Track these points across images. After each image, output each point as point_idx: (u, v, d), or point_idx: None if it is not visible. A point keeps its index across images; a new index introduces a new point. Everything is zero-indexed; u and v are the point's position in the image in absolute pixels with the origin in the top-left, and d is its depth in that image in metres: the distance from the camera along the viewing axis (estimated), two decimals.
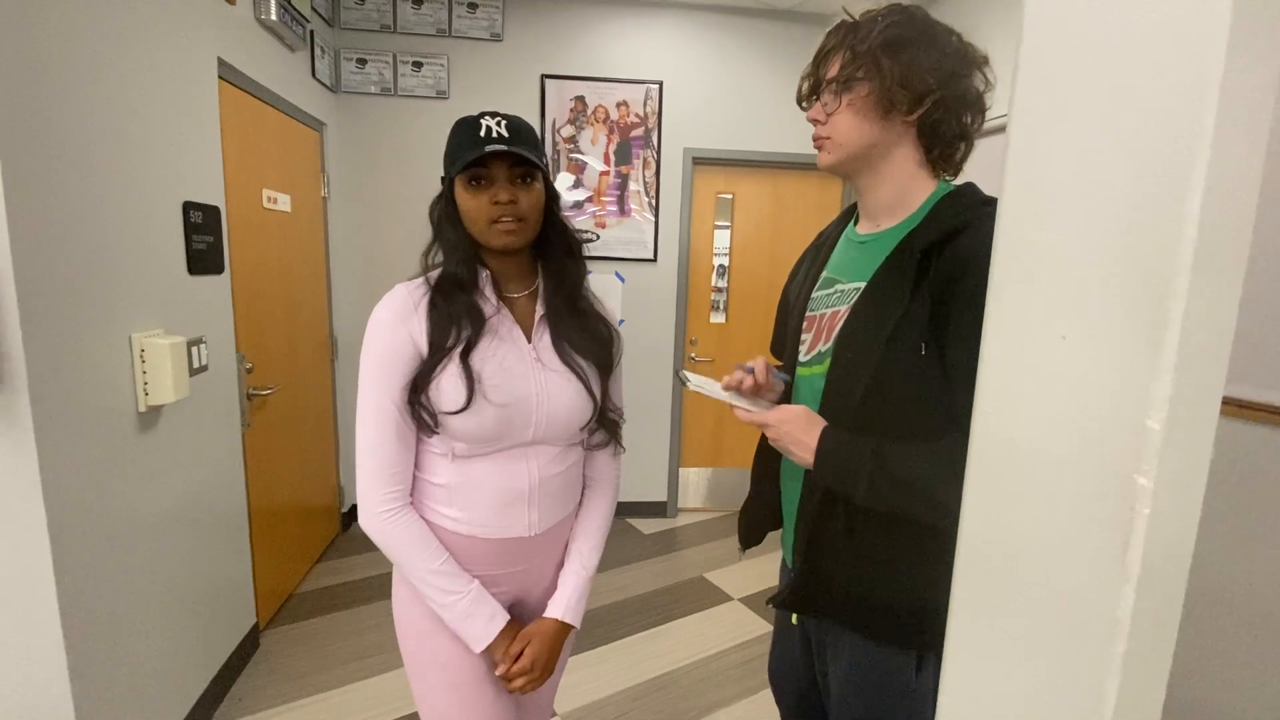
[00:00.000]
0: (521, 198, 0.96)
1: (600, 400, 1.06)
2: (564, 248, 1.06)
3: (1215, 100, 0.35)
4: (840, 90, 0.88)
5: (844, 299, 0.94)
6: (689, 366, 3.55)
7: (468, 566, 1.03)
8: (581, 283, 1.08)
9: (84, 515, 1.40)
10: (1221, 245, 0.38)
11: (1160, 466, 0.39)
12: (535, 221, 1.00)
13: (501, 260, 1.03)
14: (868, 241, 0.95)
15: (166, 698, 1.73)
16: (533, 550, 1.08)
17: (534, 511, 1.04)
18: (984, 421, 0.48)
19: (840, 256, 1.01)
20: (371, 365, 0.96)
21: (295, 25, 2.48)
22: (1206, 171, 0.36)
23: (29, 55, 1.26)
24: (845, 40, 0.88)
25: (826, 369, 0.92)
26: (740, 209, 3.48)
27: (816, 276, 1.03)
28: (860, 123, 0.87)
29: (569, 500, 1.11)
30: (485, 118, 0.95)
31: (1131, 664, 0.41)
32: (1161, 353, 0.38)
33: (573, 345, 1.03)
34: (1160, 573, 0.41)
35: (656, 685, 2.18)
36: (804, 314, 1.02)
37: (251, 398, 2.25)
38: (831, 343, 0.92)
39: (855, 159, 0.90)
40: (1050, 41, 0.44)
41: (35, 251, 1.26)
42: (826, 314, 0.96)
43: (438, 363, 0.94)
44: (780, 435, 0.90)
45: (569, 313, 1.04)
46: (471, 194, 0.96)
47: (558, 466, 1.06)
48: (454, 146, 0.97)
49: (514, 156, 0.94)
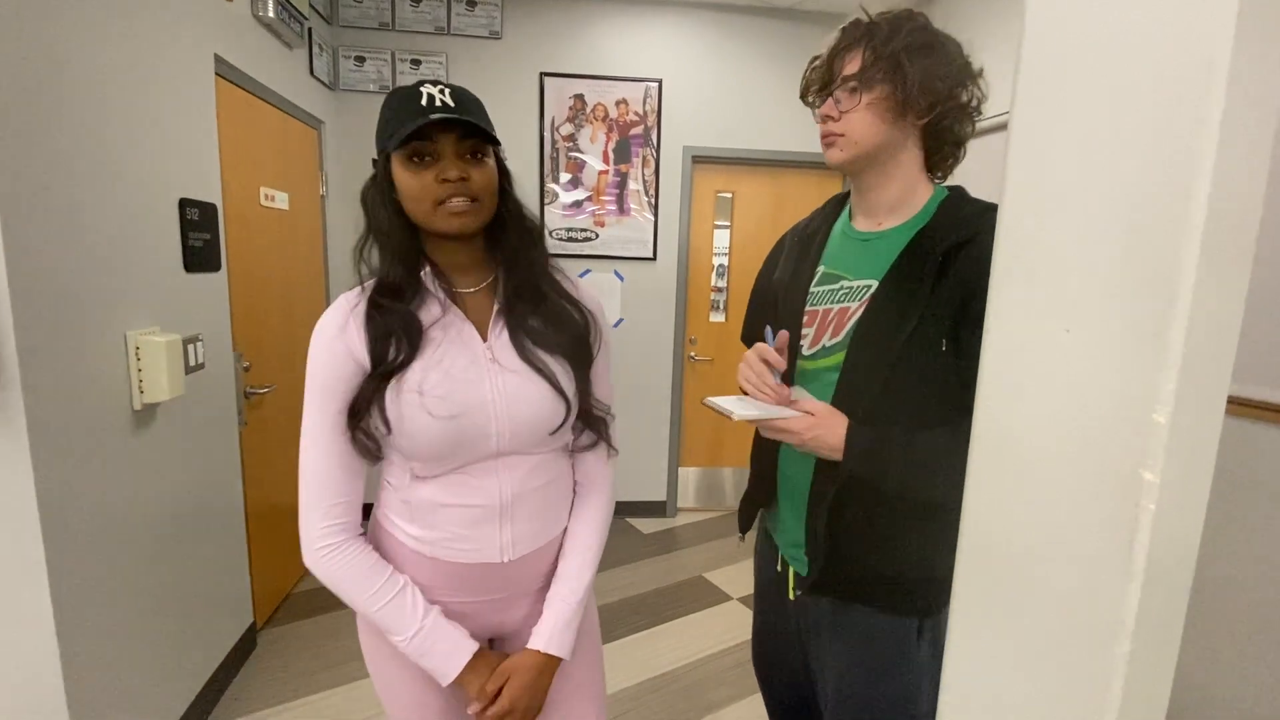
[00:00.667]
0: (474, 174, 0.84)
1: (576, 398, 0.92)
2: (520, 232, 0.92)
3: (1222, 94, 0.35)
4: (859, 88, 0.89)
5: (853, 295, 0.95)
6: (689, 366, 3.55)
7: (432, 594, 0.91)
8: (543, 269, 0.95)
9: (78, 513, 1.39)
10: (1228, 238, 0.37)
11: (1166, 461, 0.38)
12: (490, 203, 0.87)
13: (449, 250, 0.90)
14: (871, 239, 0.97)
15: (162, 697, 1.72)
16: (509, 579, 0.94)
17: (507, 532, 0.91)
18: (987, 417, 0.48)
19: (840, 252, 1.01)
20: (313, 387, 0.87)
21: (293, 22, 2.47)
22: (1213, 166, 0.35)
23: (24, 52, 1.25)
24: (864, 39, 0.89)
25: (840, 363, 0.94)
26: (740, 208, 3.48)
27: (811, 270, 1.03)
28: (876, 122, 0.89)
29: (554, 519, 0.97)
30: (426, 85, 0.83)
31: (1136, 663, 0.41)
32: (1168, 346, 0.37)
33: (535, 339, 0.91)
34: (1166, 571, 0.40)
35: (655, 685, 2.18)
36: (802, 308, 1.02)
37: (248, 396, 2.24)
38: (844, 338, 0.94)
39: (866, 157, 0.92)
40: (1052, 37, 0.43)
41: (30, 248, 1.25)
42: (834, 309, 0.97)
43: (377, 383, 0.84)
44: (805, 439, 0.91)
45: (530, 303, 0.92)
46: (413, 172, 0.83)
47: (537, 479, 0.92)
48: (388, 119, 0.84)
49: (462, 128, 0.82)
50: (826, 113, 0.93)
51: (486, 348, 0.90)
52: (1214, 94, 0.35)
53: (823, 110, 0.94)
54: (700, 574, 2.97)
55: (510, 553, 0.92)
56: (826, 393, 0.96)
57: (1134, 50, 0.39)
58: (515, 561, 0.93)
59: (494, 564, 0.91)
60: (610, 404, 1.02)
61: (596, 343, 0.97)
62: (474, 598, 0.94)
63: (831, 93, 0.93)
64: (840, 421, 0.90)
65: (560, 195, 3.28)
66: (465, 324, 0.90)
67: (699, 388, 3.59)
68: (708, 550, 3.23)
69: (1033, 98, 0.45)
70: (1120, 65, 0.40)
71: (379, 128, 0.86)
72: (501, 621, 0.98)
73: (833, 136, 0.93)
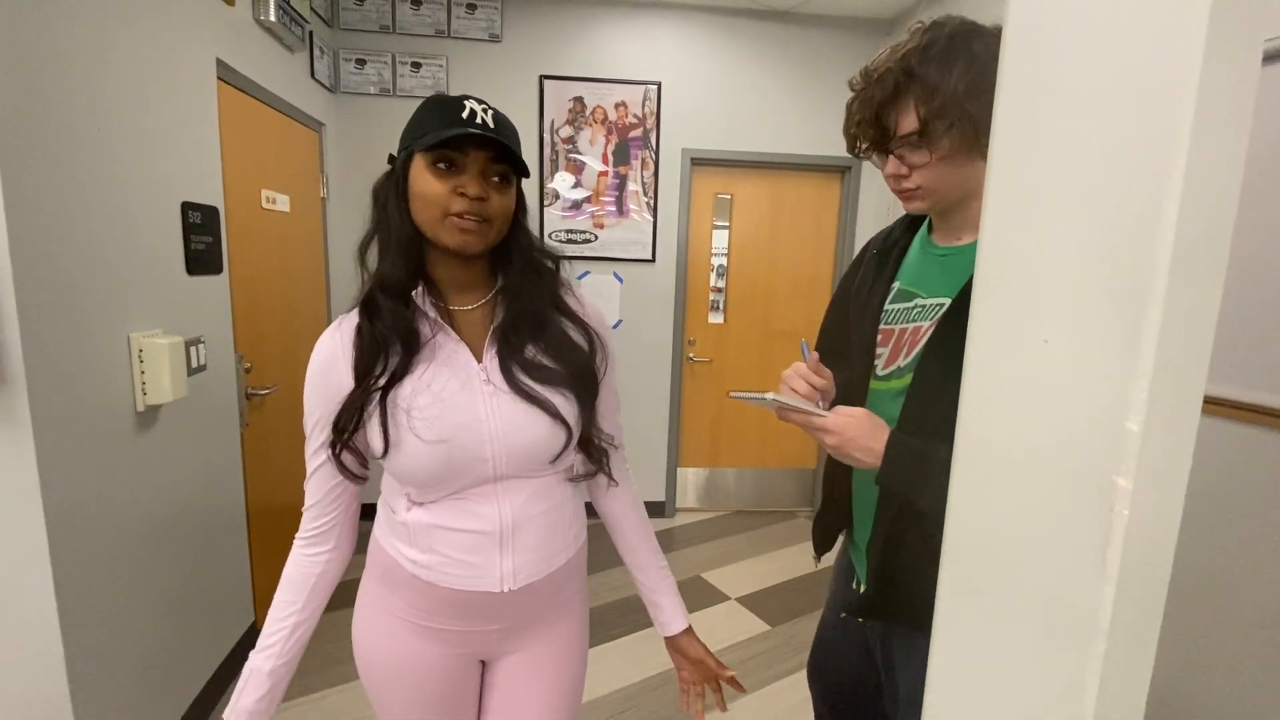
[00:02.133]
0: (494, 197, 0.82)
1: (577, 424, 0.89)
2: (527, 265, 0.90)
3: (1193, 101, 0.36)
4: (924, 145, 0.83)
5: (926, 314, 0.91)
6: (688, 367, 3.56)
7: (430, 618, 0.90)
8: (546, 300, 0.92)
9: (82, 513, 1.40)
10: (1200, 247, 0.38)
11: (1139, 468, 0.39)
12: (500, 229, 0.85)
13: (449, 265, 0.88)
14: (949, 255, 0.92)
15: (164, 695, 1.74)
16: (509, 609, 0.91)
17: (508, 560, 0.87)
18: (968, 425, 0.49)
19: (916, 268, 0.97)
20: (307, 400, 0.90)
21: (294, 26, 2.49)
22: (1184, 173, 0.36)
23: (28, 56, 1.26)
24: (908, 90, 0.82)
25: (907, 385, 0.89)
26: (739, 209, 3.49)
27: (887, 286, 0.99)
28: (954, 170, 0.84)
29: (558, 548, 0.93)
30: (470, 100, 0.81)
31: (1112, 664, 0.42)
32: (1140, 356, 0.38)
33: (529, 372, 0.87)
34: (1140, 573, 0.41)
35: (653, 684, 2.19)
36: (876, 325, 0.98)
37: (250, 397, 2.25)
38: (914, 358, 0.89)
39: (950, 199, 0.88)
40: (1030, 47, 0.45)
41: (34, 251, 1.27)
42: (908, 329, 0.93)
43: (360, 403, 0.82)
44: (842, 442, 0.86)
45: (527, 334, 0.89)
46: (435, 176, 0.80)
47: (538, 505, 0.89)
48: (423, 119, 0.82)
49: (495, 150, 0.81)
50: (895, 172, 0.88)
51: (481, 369, 0.87)
52: (1184, 109, 0.36)
53: (889, 170, 0.89)
54: (699, 574, 2.98)
55: (511, 582, 0.88)
56: (893, 414, 0.91)
57: (1107, 68, 0.40)
58: (516, 592, 0.89)
59: (493, 593, 0.88)
60: (617, 434, 1.00)
61: (602, 365, 0.94)
62: (473, 626, 0.91)
63: (891, 151, 0.87)
64: (882, 429, 0.85)
65: (560, 197, 3.30)
66: (459, 345, 0.87)
67: (698, 388, 3.60)
68: (706, 551, 3.24)
69: (1011, 115, 0.46)
70: (1094, 83, 0.41)
71: (410, 126, 0.84)
72: (496, 650, 0.97)
73: (910, 192, 0.88)
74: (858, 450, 0.85)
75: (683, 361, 3.53)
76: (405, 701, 0.94)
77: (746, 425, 3.66)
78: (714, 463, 3.71)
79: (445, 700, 0.95)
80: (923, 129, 0.81)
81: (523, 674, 0.97)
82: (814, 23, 3.29)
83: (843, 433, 0.86)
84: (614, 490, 1.04)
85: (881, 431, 0.85)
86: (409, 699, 0.94)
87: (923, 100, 0.81)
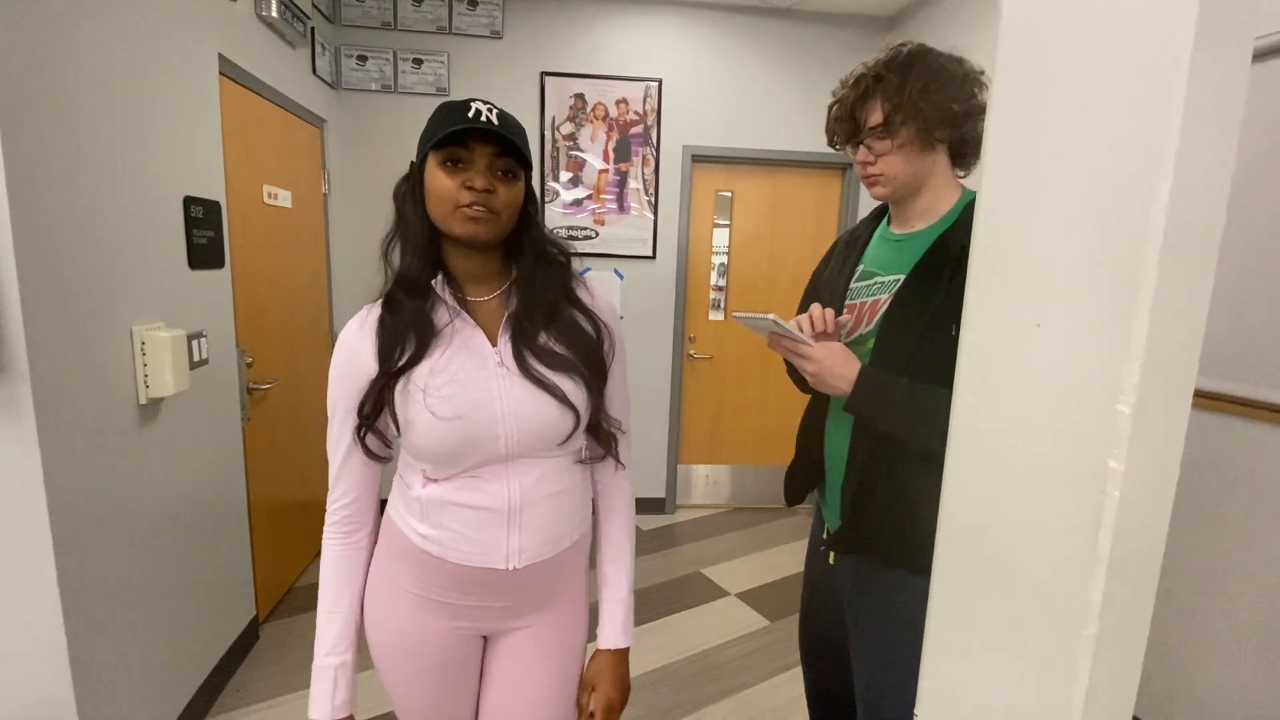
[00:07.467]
0: (500, 190, 0.86)
1: (587, 409, 0.94)
2: (538, 257, 0.96)
3: (1183, 90, 0.36)
4: (887, 135, 1.02)
5: (884, 289, 1.07)
6: (688, 363, 3.57)
7: (437, 592, 0.94)
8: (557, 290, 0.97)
9: (85, 505, 1.41)
10: (1191, 238, 0.39)
11: (1130, 450, 0.40)
12: (508, 220, 0.89)
13: (465, 257, 0.93)
14: (904, 240, 1.09)
15: (166, 687, 1.75)
16: (515, 587, 0.95)
17: (515, 539, 0.91)
18: (963, 409, 0.49)
19: (876, 252, 1.14)
20: (331, 396, 0.94)
21: (296, 22, 2.49)
22: (1174, 161, 0.37)
23: (32, 51, 1.27)
24: (875, 91, 1.02)
25: (871, 348, 1.05)
26: (739, 206, 3.49)
27: (853, 269, 1.16)
28: (910, 159, 1.03)
29: (566, 530, 0.97)
30: (477, 101, 0.87)
31: (1104, 645, 0.42)
32: (1132, 340, 0.39)
33: (540, 357, 0.92)
34: (1132, 555, 0.42)
35: (652, 679, 2.20)
36: (844, 302, 1.14)
37: (251, 392, 2.26)
38: (874, 325, 1.05)
39: (906, 186, 1.06)
40: (1025, 39, 0.45)
41: (38, 244, 1.27)
42: (868, 302, 1.09)
43: (381, 386, 0.88)
44: (821, 368, 1.00)
45: (540, 322, 0.94)
46: (445, 173, 0.86)
47: (548, 487, 0.93)
48: (434, 124, 0.87)
49: (499, 145, 0.86)
50: (863, 159, 1.07)
51: (495, 352, 0.92)
52: (1175, 99, 0.37)
53: (859, 158, 1.08)
54: (699, 570, 2.99)
55: (516, 560, 0.92)
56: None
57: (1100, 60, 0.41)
58: (520, 570, 0.93)
59: (499, 570, 0.92)
60: (624, 419, 1.04)
61: (610, 353, 0.99)
62: (479, 601, 0.95)
63: (861, 141, 1.05)
64: (854, 361, 1.00)
65: (561, 194, 3.30)
66: (475, 330, 0.93)
67: (698, 385, 3.61)
68: (707, 547, 3.25)
69: (1006, 108, 0.46)
70: (1087, 74, 0.41)
71: (424, 131, 0.89)
72: (498, 626, 1.00)
73: (874, 177, 1.06)
74: (834, 378, 1.00)
75: (683, 358, 3.53)
76: (410, 671, 0.98)
77: (747, 422, 3.67)
78: (714, 459, 3.71)
79: (448, 670, 0.99)
80: (886, 121, 1.01)
81: (524, 649, 1.01)
82: (815, 19, 3.29)
83: (823, 360, 1.00)
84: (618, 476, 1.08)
85: (854, 363, 1.00)
86: (414, 669, 0.98)
87: (887, 98, 1.00)
